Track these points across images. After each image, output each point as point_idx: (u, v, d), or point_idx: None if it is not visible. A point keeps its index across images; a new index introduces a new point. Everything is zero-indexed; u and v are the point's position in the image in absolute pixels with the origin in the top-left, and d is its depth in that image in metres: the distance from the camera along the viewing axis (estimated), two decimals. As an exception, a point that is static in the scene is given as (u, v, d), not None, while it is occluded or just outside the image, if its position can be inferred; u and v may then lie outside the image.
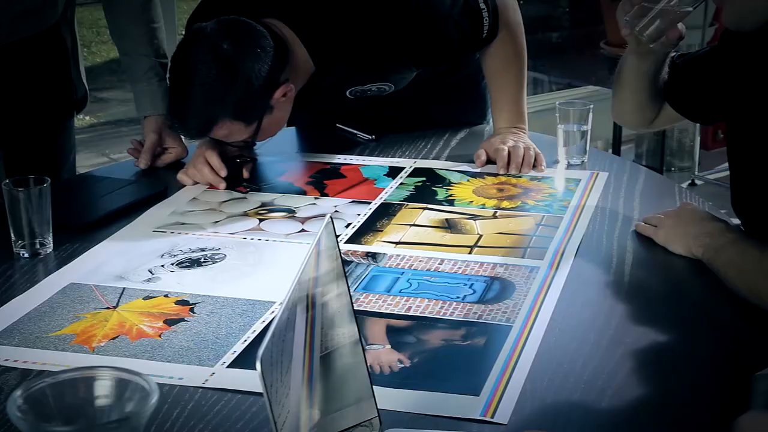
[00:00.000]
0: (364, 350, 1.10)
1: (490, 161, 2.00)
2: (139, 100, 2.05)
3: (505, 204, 1.81)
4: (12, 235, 1.61)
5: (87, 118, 4.92)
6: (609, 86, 4.44)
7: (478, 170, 1.98)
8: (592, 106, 1.99)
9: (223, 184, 1.91)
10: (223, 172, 1.91)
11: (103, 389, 0.74)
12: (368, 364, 1.10)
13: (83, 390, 0.74)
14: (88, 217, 1.76)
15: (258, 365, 0.80)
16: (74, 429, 0.71)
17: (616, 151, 4.07)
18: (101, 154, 4.76)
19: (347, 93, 2.05)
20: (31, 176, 1.60)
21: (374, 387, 1.10)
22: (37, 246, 1.62)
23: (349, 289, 1.08)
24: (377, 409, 1.11)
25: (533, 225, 1.72)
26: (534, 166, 1.97)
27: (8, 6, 1.90)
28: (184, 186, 1.93)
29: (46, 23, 2.00)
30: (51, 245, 1.63)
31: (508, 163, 1.95)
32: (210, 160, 1.91)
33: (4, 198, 1.60)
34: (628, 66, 1.70)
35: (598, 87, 4.80)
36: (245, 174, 1.95)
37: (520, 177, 1.94)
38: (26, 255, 1.61)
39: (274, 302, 1.45)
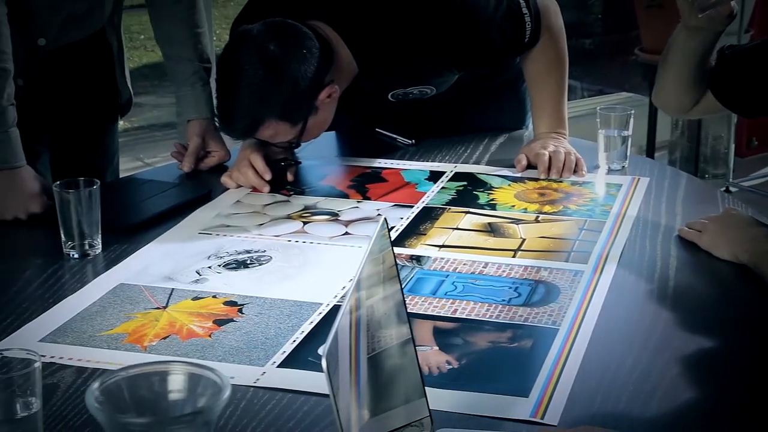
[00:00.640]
0: (416, 350, 1.11)
1: (530, 166, 2.00)
2: (183, 104, 2.07)
3: (547, 208, 1.82)
4: (62, 236, 1.64)
5: (121, 122, 4.97)
6: (642, 93, 4.45)
7: (519, 175, 1.99)
8: (633, 111, 1.99)
9: (267, 188, 1.93)
10: (268, 176, 1.93)
11: (176, 384, 0.76)
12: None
13: (157, 384, 0.75)
14: (134, 219, 1.78)
15: (324, 363, 0.81)
16: (149, 421, 0.72)
17: (650, 157, 4.07)
18: (136, 159, 4.80)
19: (389, 96, 2.06)
20: (81, 178, 1.63)
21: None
22: (86, 247, 1.64)
23: (402, 290, 1.10)
24: (429, 408, 1.12)
25: (576, 229, 1.72)
26: (575, 171, 1.97)
27: (57, 11, 1.93)
28: (228, 189, 1.95)
29: (93, 28, 2.03)
30: (100, 246, 1.65)
31: (549, 168, 1.96)
32: (254, 163, 1.93)
33: (55, 199, 1.62)
34: (677, 43, 1.71)
35: (631, 94, 4.80)
36: (289, 177, 1.97)
37: (561, 182, 1.95)
38: (76, 256, 1.64)
39: (320, 304, 1.46)
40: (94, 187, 1.62)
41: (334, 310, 1.45)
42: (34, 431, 1.08)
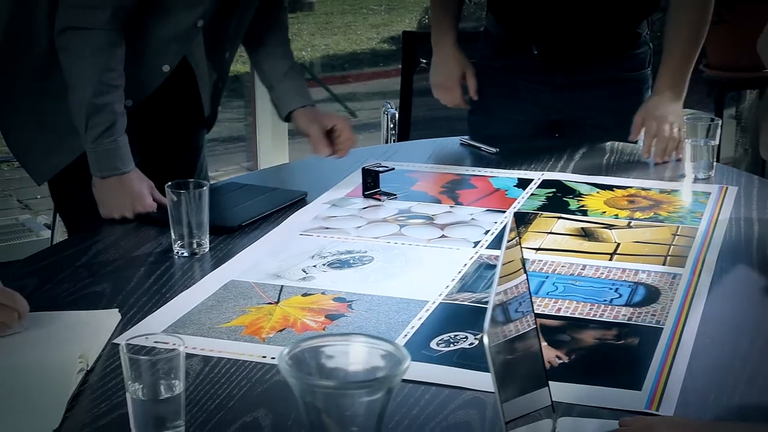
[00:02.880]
0: (539, 341, 1.16)
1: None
2: (286, 97, 2.10)
3: (637, 215, 1.86)
4: (172, 235, 1.70)
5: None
6: (705, 109, 4.45)
7: (607, 182, 2.03)
8: (720, 121, 2.03)
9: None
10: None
11: (356, 354, 0.81)
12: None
13: (339, 354, 0.80)
14: (237, 220, 1.84)
15: (485, 339, 0.86)
16: (336, 384, 0.77)
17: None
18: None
19: None
20: (191, 180, 1.70)
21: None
22: (195, 246, 1.70)
23: (528, 283, 1.14)
24: (551, 398, 1.16)
25: (669, 235, 1.76)
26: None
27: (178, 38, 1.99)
28: (324, 193, 2.01)
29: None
30: (207, 245, 1.72)
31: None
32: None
33: (167, 200, 1.69)
34: None
35: (694, 110, 4.80)
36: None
37: (649, 190, 1.99)
38: (185, 254, 1.70)
39: (427, 301, 1.51)
40: (204, 188, 1.69)
41: (441, 307, 1.49)
42: (177, 412, 1.13)
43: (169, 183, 1.69)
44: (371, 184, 2.01)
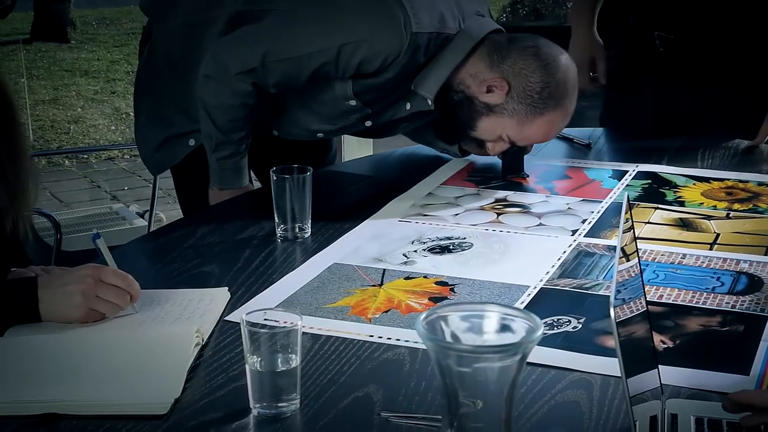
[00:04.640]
0: (650, 324, 1.17)
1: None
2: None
3: (736, 206, 1.86)
4: (276, 219, 1.74)
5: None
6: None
7: (703, 174, 2.03)
8: (820, 114, 2.01)
9: None
10: None
11: (490, 321, 0.83)
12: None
13: (473, 320, 0.83)
14: (337, 206, 1.88)
15: (612, 312, 0.87)
16: (470, 347, 0.80)
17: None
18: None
19: None
20: (295, 165, 1.73)
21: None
22: (297, 230, 1.75)
23: (640, 267, 1.16)
24: (660, 379, 1.17)
25: (769, 226, 1.76)
26: None
27: None
28: (420, 181, 2.04)
29: None
30: (309, 230, 1.76)
31: None
32: None
33: (271, 184, 1.73)
34: None
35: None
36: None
37: (747, 182, 1.98)
38: (288, 238, 1.74)
39: (528, 286, 1.53)
40: (307, 173, 1.72)
41: (542, 292, 1.51)
42: (293, 385, 1.17)
43: (274, 168, 1.73)
44: (511, 163, 2.03)
